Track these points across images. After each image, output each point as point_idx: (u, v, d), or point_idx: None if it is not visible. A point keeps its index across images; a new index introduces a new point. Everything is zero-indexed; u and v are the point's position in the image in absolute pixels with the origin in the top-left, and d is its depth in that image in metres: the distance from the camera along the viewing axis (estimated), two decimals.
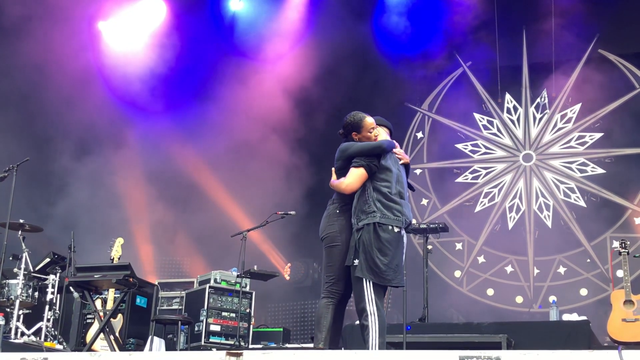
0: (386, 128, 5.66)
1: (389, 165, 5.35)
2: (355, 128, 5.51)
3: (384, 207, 5.22)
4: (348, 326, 7.92)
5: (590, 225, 10.90)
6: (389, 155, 5.41)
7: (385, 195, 5.26)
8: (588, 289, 10.75)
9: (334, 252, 5.41)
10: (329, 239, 5.45)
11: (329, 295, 5.37)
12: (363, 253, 5.15)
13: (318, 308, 5.43)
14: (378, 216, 5.18)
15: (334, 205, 5.51)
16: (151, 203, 11.43)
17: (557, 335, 7.08)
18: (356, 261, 5.16)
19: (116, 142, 11.51)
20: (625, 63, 11.18)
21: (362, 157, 5.34)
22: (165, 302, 9.48)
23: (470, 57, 11.75)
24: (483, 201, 11.53)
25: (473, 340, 6.95)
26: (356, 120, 5.53)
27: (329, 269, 5.42)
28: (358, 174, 5.28)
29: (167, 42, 11.80)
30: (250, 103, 11.60)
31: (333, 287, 5.37)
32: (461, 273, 11.42)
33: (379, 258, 5.12)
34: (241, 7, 12.28)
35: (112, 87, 11.56)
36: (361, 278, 5.12)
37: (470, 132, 11.77)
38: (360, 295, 5.12)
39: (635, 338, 7.48)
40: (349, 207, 5.43)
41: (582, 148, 11.19)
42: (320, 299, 5.44)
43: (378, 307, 5.08)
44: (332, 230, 5.44)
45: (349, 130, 5.55)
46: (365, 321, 5.06)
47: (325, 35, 11.36)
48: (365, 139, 5.49)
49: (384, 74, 11.79)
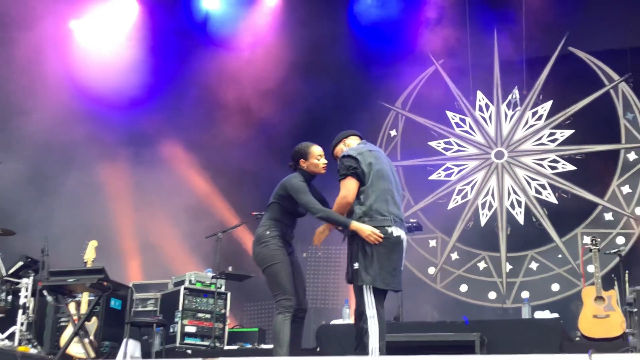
0: (356, 136, 5.73)
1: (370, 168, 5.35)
2: (303, 155, 5.76)
3: (370, 210, 5.23)
4: (323, 326, 7.98)
5: (562, 222, 11.04)
6: (369, 154, 5.41)
7: (368, 197, 5.27)
8: (560, 284, 10.88)
9: (275, 269, 5.56)
10: (266, 259, 5.60)
11: (284, 311, 5.47)
12: (362, 258, 5.16)
13: (274, 324, 5.50)
14: (366, 220, 5.20)
15: (263, 228, 5.72)
16: (132, 202, 11.36)
17: (529, 333, 7.16)
18: (356, 264, 5.18)
19: (88, 141, 11.39)
20: (595, 60, 11.31)
21: (342, 168, 5.37)
22: (140, 304, 9.44)
23: (443, 55, 11.81)
24: (456, 198, 11.63)
25: (447, 339, 7.01)
26: (303, 147, 5.79)
27: (277, 286, 5.54)
28: (349, 184, 5.30)
29: (139, 40, 11.73)
30: (226, 96, 11.59)
31: (286, 302, 5.49)
32: (435, 270, 11.50)
33: (373, 262, 5.13)
34: (216, 6, 12.23)
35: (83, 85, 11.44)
36: (359, 285, 5.15)
37: (443, 130, 11.85)
38: (360, 300, 5.15)
39: (606, 334, 7.59)
40: (277, 228, 5.66)
41: (553, 145, 11.31)
42: (275, 316, 5.51)
43: (378, 311, 5.11)
44: (266, 251, 5.62)
45: (297, 158, 5.78)
46: (365, 324, 5.08)
47: (299, 32, 11.36)
48: (313, 166, 5.73)
49: (358, 71, 11.82)
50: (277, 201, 5.75)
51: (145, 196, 11.39)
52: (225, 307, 9.08)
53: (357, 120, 11.43)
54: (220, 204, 11.86)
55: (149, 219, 11.35)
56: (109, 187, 11.40)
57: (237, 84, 11.56)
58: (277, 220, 5.72)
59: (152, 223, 11.32)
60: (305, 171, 5.76)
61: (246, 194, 11.00)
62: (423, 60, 11.92)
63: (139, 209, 11.42)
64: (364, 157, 5.34)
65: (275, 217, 5.73)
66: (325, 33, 11.24)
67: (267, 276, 5.62)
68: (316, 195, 5.69)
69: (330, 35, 11.38)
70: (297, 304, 5.61)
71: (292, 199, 5.64)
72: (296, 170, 5.81)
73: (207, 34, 12.11)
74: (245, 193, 11.14)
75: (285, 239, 5.73)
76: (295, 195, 5.60)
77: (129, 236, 11.40)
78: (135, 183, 11.41)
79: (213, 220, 11.31)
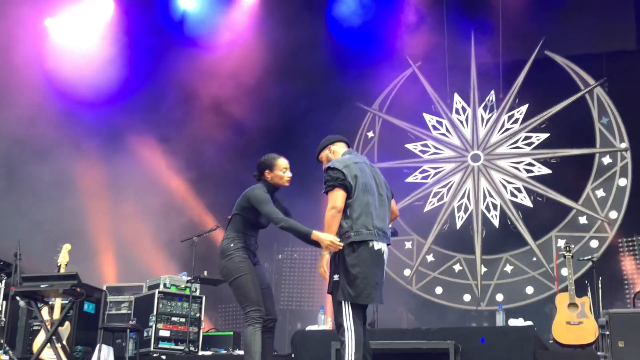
0: (342, 142, 5.69)
1: (355, 181, 5.32)
2: (268, 167, 5.80)
3: (355, 224, 5.19)
4: (298, 332, 7.96)
5: (536, 225, 11.13)
6: (355, 167, 5.37)
7: (354, 210, 5.23)
8: (534, 287, 10.97)
9: (242, 281, 5.58)
10: (232, 272, 5.62)
11: (254, 322, 5.50)
12: (343, 272, 5.13)
13: (245, 336, 5.53)
14: (352, 235, 5.18)
15: (227, 240, 5.73)
16: (106, 199, 11.26)
17: (503, 341, 7.19)
18: (336, 276, 5.15)
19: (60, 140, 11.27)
20: (571, 65, 11.39)
21: (330, 179, 5.29)
22: (114, 307, 9.37)
23: (420, 57, 11.84)
24: (432, 201, 11.66)
25: (421, 347, 7.03)
26: (269, 159, 5.83)
27: (245, 298, 5.56)
28: (337, 195, 5.24)
29: (113, 38, 11.64)
30: (201, 95, 11.53)
31: (255, 314, 5.51)
32: (410, 272, 11.54)
33: (353, 279, 5.09)
34: (192, 6, 12.15)
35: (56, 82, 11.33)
36: (339, 298, 5.12)
37: (420, 133, 11.87)
38: (338, 312, 5.11)
39: (579, 341, 7.65)
40: (240, 239, 5.69)
41: (528, 148, 11.38)
42: (245, 328, 5.52)
43: (355, 323, 5.06)
44: (232, 264, 5.64)
45: (262, 168, 5.81)
46: (342, 337, 5.06)
47: (276, 34, 11.32)
48: (277, 178, 5.78)
49: (335, 73, 11.79)
50: (240, 212, 5.77)
51: (118, 194, 11.30)
52: (200, 311, 9.03)
53: (334, 122, 11.47)
54: (194, 204, 11.81)
55: (123, 218, 11.27)
56: (82, 184, 11.29)
57: (212, 83, 11.51)
58: (240, 232, 5.73)
59: (126, 221, 11.24)
60: (269, 183, 5.80)
61: (221, 195, 10.94)
62: (401, 63, 11.95)
63: (112, 207, 11.33)
64: (350, 170, 5.30)
65: (239, 228, 5.74)
66: (303, 35, 11.20)
67: (234, 289, 5.63)
68: (279, 207, 5.71)
69: (307, 37, 11.34)
70: (267, 314, 5.62)
71: (255, 210, 5.67)
72: (260, 180, 5.83)
73: (183, 33, 12.04)
74: (220, 193, 11.09)
75: (250, 250, 5.76)
76: (257, 206, 5.62)
77: (102, 234, 11.30)
78: (108, 181, 11.31)
79: (188, 220, 11.28)
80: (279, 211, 5.58)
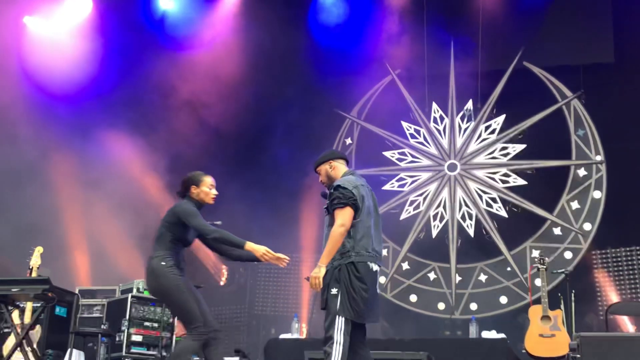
0: (343, 160, 5.70)
1: (362, 203, 5.35)
2: (195, 182, 5.84)
3: (357, 246, 5.24)
4: (272, 340, 7.95)
5: (511, 235, 11.19)
6: (362, 189, 5.39)
7: (357, 232, 5.27)
8: (508, 297, 11.03)
9: (182, 300, 5.57)
10: (170, 291, 5.59)
11: (198, 338, 5.52)
12: (345, 289, 5.16)
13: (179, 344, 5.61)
14: (353, 255, 5.21)
15: (157, 259, 5.67)
16: (83, 204, 11.15)
17: (476, 352, 7.24)
18: (334, 290, 5.17)
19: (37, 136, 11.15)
20: (548, 76, 11.46)
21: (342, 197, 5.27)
22: (86, 310, 9.28)
23: (399, 65, 11.86)
24: (408, 209, 11.68)
25: (395, 358, 7.04)
26: (197, 175, 5.88)
27: (189, 316, 5.56)
28: (348, 213, 5.25)
29: (90, 37, 11.55)
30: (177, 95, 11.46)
31: (202, 329, 5.53)
32: (386, 279, 11.55)
33: (355, 297, 5.14)
34: (172, 6, 12.10)
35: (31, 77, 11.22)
36: (335, 312, 5.14)
37: (398, 140, 11.89)
38: (331, 325, 5.15)
39: (551, 353, 7.70)
40: (171, 257, 5.65)
41: (505, 159, 11.43)
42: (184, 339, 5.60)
43: (345, 339, 5.11)
44: (167, 283, 5.59)
45: (188, 184, 5.84)
46: (329, 348, 5.09)
47: (256, 37, 11.30)
48: (203, 194, 5.82)
49: (314, 79, 11.77)
50: (167, 230, 5.74)
51: (92, 192, 11.18)
52: (173, 316, 8.96)
53: (312, 128, 11.47)
54: (168, 201, 11.68)
55: (96, 216, 11.15)
56: (55, 181, 11.17)
57: (189, 83, 11.45)
58: (169, 249, 5.70)
59: (99, 220, 11.13)
60: (195, 199, 5.80)
61: None
62: (380, 70, 11.94)
63: (85, 205, 11.22)
64: (359, 191, 5.36)
65: (167, 246, 5.71)
66: (283, 39, 11.18)
67: (173, 307, 5.66)
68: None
69: (287, 41, 11.32)
70: (209, 326, 5.62)
71: (183, 226, 5.67)
72: (184, 197, 5.83)
73: (163, 32, 11.98)
74: None
75: (180, 267, 5.73)
76: (186, 219, 5.61)
77: (74, 232, 11.19)
78: (82, 178, 11.20)
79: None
80: (207, 223, 5.61)
